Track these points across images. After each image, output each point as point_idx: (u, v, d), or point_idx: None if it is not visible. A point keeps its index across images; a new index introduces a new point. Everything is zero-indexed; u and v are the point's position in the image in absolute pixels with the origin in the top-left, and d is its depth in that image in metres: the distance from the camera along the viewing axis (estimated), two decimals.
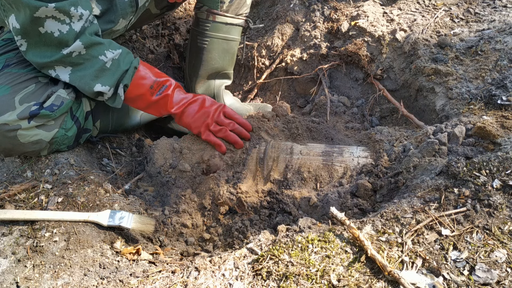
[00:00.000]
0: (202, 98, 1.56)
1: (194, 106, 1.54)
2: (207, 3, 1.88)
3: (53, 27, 1.30)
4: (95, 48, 1.39)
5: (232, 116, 1.58)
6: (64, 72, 1.39)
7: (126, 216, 1.27)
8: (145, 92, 1.48)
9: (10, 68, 1.40)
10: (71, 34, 1.33)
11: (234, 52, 2.02)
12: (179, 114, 1.53)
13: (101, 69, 1.40)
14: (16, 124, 1.32)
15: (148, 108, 1.53)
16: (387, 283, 0.96)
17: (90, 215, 1.27)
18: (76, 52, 1.36)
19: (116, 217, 1.27)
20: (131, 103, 1.53)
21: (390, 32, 1.96)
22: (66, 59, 1.36)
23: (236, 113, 1.60)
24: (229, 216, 1.47)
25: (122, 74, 1.43)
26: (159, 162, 1.57)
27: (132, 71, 1.45)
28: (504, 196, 1.12)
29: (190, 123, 1.54)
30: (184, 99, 1.54)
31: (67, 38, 1.33)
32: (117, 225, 1.26)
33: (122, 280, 1.09)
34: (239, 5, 1.90)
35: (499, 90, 1.54)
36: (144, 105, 1.53)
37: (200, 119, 1.53)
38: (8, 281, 1.10)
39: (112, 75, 1.42)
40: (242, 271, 1.05)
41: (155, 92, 1.49)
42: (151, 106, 1.52)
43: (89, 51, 1.38)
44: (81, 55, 1.38)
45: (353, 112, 1.97)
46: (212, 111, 1.54)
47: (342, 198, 1.39)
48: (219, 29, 1.91)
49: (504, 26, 1.82)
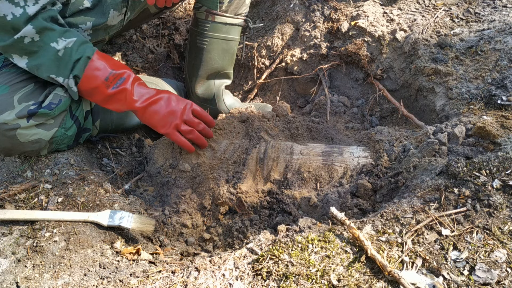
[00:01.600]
0: (168, 95, 1.48)
1: (161, 103, 1.45)
2: (206, 3, 1.86)
3: (7, 9, 1.25)
4: (47, 34, 1.32)
5: (201, 114, 1.52)
6: (21, 61, 1.34)
7: (126, 216, 1.27)
8: (100, 85, 1.39)
9: (8, 68, 1.40)
10: (23, 18, 1.27)
11: (234, 52, 2.01)
12: (141, 110, 1.44)
13: (54, 58, 1.34)
14: (15, 123, 1.32)
15: (106, 102, 1.44)
16: (387, 283, 0.96)
17: (90, 215, 1.27)
18: (28, 37, 1.30)
19: (116, 217, 1.27)
20: (88, 97, 1.45)
21: (390, 32, 1.96)
22: (18, 44, 1.30)
23: (204, 111, 1.54)
24: (229, 216, 1.47)
25: (74, 63, 1.36)
26: (159, 162, 1.57)
27: (84, 61, 1.37)
28: (504, 196, 1.12)
29: (156, 122, 1.46)
30: (146, 94, 1.45)
31: (18, 21, 1.27)
32: (117, 225, 1.26)
33: (122, 280, 1.09)
34: (238, 5, 1.89)
35: (499, 90, 1.54)
36: (101, 99, 1.43)
37: (168, 119, 1.45)
38: (8, 281, 1.10)
39: (65, 65, 1.35)
40: (242, 271, 1.05)
41: (111, 85, 1.40)
42: (108, 100, 1.43)
43: (42, 37, 1.31)
44: (35, 42, 1.31)
45: (353, 112, 1.97)
46: (181, 111, 1.47)
47: (342, 198, 1.39)
48: (219, 29, 1.91)
49: (504, 26, 1.82)
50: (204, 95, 2.03)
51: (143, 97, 1.44)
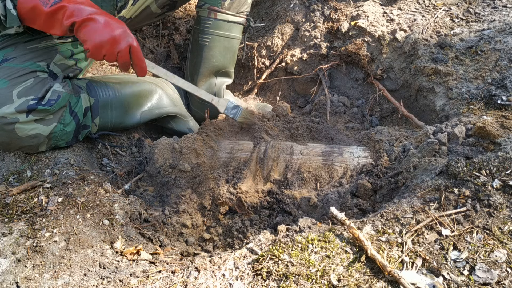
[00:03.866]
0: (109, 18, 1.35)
1: (98, 24, 1.32)
2: (209, 1, 1.89)
3: None
4: None
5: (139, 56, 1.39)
6: None
7: (237, 110, 1.64)
8: (36, 4, 1.30)
9: (8, 63, 1.41)
10: None
11: (235, 51, 2.02)
12: (79, 23, 1.31)
13: None
14: (14, 117, 1.33)
15: (49, 26, 1.34)
16: (387, 283, 0.96)
17: (214, 98, 1.65)
18: None
19: (231, 109, 1.64)
20: (32, 23, 1.36)
21: (390, 32, 1.96)
22: None
23: (141, 54, 1.40)
24: (229, 216, 1.47)
25: None
26: (159, 162, 1.57)
27: None
28: (504, 196, 1.12)
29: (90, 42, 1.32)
30: (84, 11, 1.32)
31: None
32: (229, 116, 1.63)
33: (122, 280, 1.09)
34: (240, 3, 1.91)
35: (499, 90, 1.54)
36: (42, 22, 1.33)
37: (104, 44, 1.32)
38: (8, 281, 1.10)
39: None
40: (242, 271, 1.05)
41: (49, 2, 1.30)
42: (50, 22, 1.32)
43: None
44: None
45: (353, 112, 1.96)
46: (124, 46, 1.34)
47: (342, 198, 1.39)
48: (221, 27, 1.92)
49: (504, 26, 1.82)
50: None
51: (82, 12, 1.32)
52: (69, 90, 1.47)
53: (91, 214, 1.29)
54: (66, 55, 1.56)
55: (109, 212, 1.31)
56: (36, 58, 1.47)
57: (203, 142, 1.58)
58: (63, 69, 1.55)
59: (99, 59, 1.37)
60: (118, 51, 1.34)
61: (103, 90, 1.68)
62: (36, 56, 1.48)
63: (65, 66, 1.57)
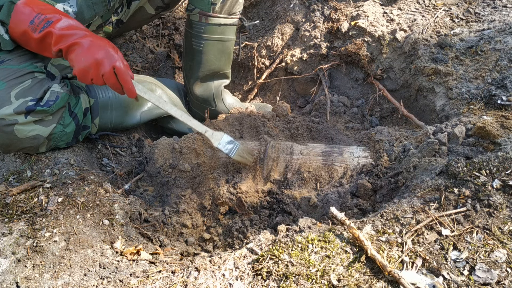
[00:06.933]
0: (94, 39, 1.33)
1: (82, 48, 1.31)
2: (199, 5, 1.82)
3: None
4: None
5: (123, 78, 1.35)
6: None
7: (232, 146, 1.44)
8: (26, 29, 1.33)
9: (4, 64, 1.41)
10: None
11: (230, 52, 2.00)
12: (65, 49, 1.32)
13: None
14: (12, 119, 1.33)
15: (41, 49, 1.36)
16: (387, 283, 0.96)
17: (208, 130, 1.44)
18: None
19: (226, 143, 1.44)
20: (26, 45, 1.39)
21: (390, 32, 1.96)
22: None
23: (127, 76, 1.36)
24: (229, 216, 1.47)
25: None
26: (159, 162, 1.57)
27: (7, 6, 1.32)
28: (504, 196, 1.12)
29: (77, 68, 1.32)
30: (70, 36, 1.32)
31: None
32: (222, 151, 1.42)
33: (122, 280, 1.09)
34: (232, 4, 1.85)
35: (499, 90, 1.54)
36: (35, 46, 1.36)
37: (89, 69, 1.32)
38: (8, 281, 1.10)
39: None
40: (242, 271, 1.05)
41: (37, 28, 1.32)
42: (41, 47, 1.35)
43: None
44: None
45: (353, 112, 1.97)
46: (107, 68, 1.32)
47: (342, 198, 1.39)
48: (214, 31, 1.87)
49: (504, 26, 1.82)
50: (203, 96, 2.03)
51: (68, 38, 1.32)
52: (68, 91, 1.47)
53: (91, 214, 1.29)
54: None
55: (109, 212, 1.31)
56: (33, 59, 1.47)
57: (203, 142, 1.58)
58: (60, 69, 1.55)
59: (88, 83, 1.36)
60: (102, 74, 1.32)
61: (103, 91, 1.68)
62: (33, 57, 1.48)
63: (63, 66, 1.57)
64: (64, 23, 1.34)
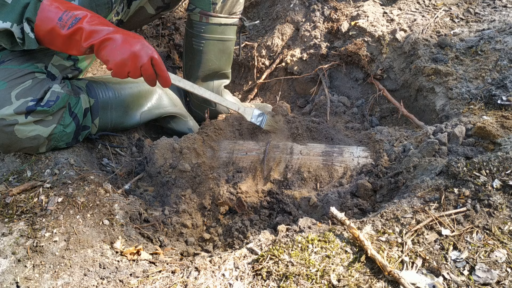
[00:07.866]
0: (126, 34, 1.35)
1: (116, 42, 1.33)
2: (199, 5, 1.82)
3: None
4: None
5: (159, 67, 1.38)
6: None
7: (262, 118, 1.64)
8: (54, 26, 1.30)
9: (5, 64, 1.41)
10: None
11: (231, 52, 2.00)
12: (97, 45, 1.33)
13: (0, 5, 1.28)
14: (13, 119, 1.33)
15: (67, 47, 1.35)
16: (387, 283, 0.96)
17: (240, 107, 1.63)
18: None
19: (257, 116, 1.63)
20: (50, 45, 1.37)
21: (390, 32, 1.96)
22: None
23: (162, 64, 1.40)
24: (229, 216, 1.47)
25: (23, 8, 1.30)
26: (159, 162, 1.57)
27: (34, 4, 1.30)
28: (504, 196, 1.12)
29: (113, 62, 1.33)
30: (101, 32, 1.32)
31: None
32: (256, 124, 1.62)
33: (122, 280, 1.09)
34: (232, 4, 1.85)
35: (499, 90, 1.54)
36: (61, 43, 1.34)
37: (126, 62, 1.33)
38: (8, 281, 1.10)
39: (11, 9, 1.29)
40: (242, 271, 1.05)
41: (66, 25, 1.30)
42: (68, 44, 1.33)
43: None
44: None
45: (353, 112, 1.97)
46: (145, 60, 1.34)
47: (342, 198, 1.39)
48: (214, 31, 1.87)
49: (504, 26, 1.82)
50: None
51: (99, 33, 1.32)
52: (68, 91, 1.47)
53: (91, 214, 1.29)
54: (64, 56, 1.56)
55: (109, 212, 1.31)
56: (33, 60, 1.47)
57: (203, 142, 1.58)
58: (61, 70, 1.55)
59: (123, 77, 1.37)
60: (140, 66, 1.35)
61: (103, 91, 1.68)
62: (34, 58, 1.48)
63: (63, 67, 1.57)
64: (93, 19, 1.34)
